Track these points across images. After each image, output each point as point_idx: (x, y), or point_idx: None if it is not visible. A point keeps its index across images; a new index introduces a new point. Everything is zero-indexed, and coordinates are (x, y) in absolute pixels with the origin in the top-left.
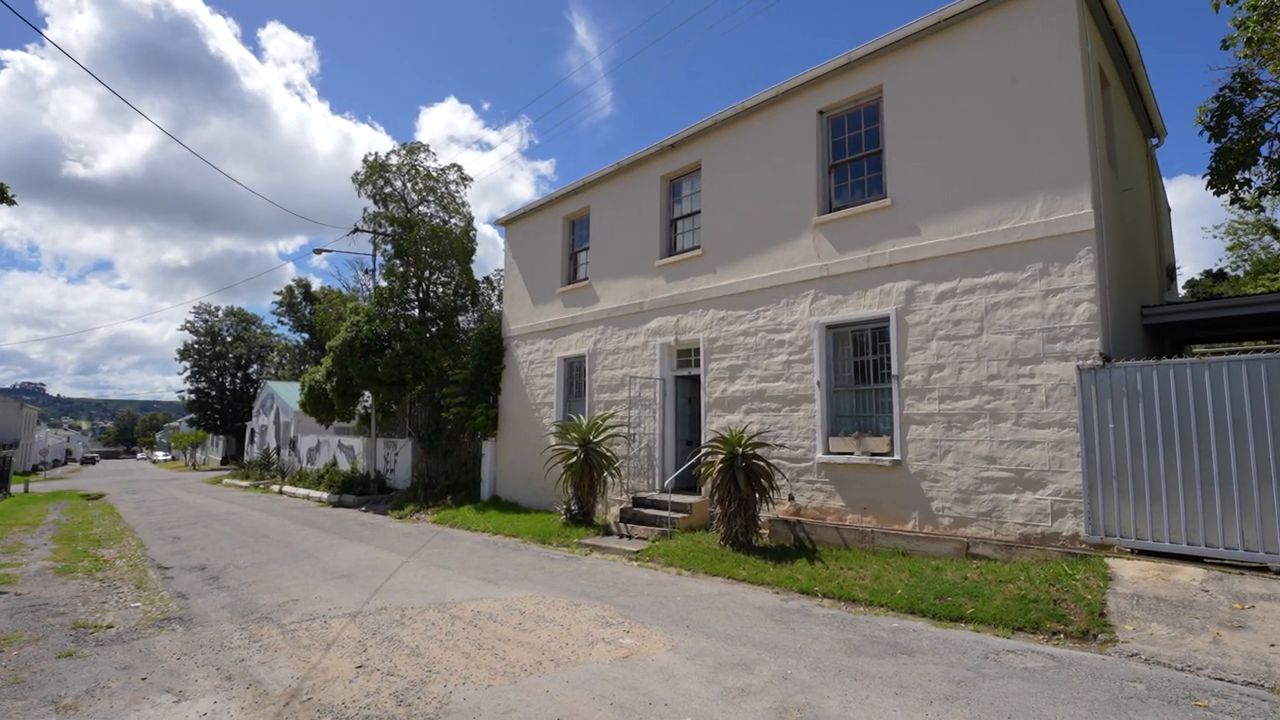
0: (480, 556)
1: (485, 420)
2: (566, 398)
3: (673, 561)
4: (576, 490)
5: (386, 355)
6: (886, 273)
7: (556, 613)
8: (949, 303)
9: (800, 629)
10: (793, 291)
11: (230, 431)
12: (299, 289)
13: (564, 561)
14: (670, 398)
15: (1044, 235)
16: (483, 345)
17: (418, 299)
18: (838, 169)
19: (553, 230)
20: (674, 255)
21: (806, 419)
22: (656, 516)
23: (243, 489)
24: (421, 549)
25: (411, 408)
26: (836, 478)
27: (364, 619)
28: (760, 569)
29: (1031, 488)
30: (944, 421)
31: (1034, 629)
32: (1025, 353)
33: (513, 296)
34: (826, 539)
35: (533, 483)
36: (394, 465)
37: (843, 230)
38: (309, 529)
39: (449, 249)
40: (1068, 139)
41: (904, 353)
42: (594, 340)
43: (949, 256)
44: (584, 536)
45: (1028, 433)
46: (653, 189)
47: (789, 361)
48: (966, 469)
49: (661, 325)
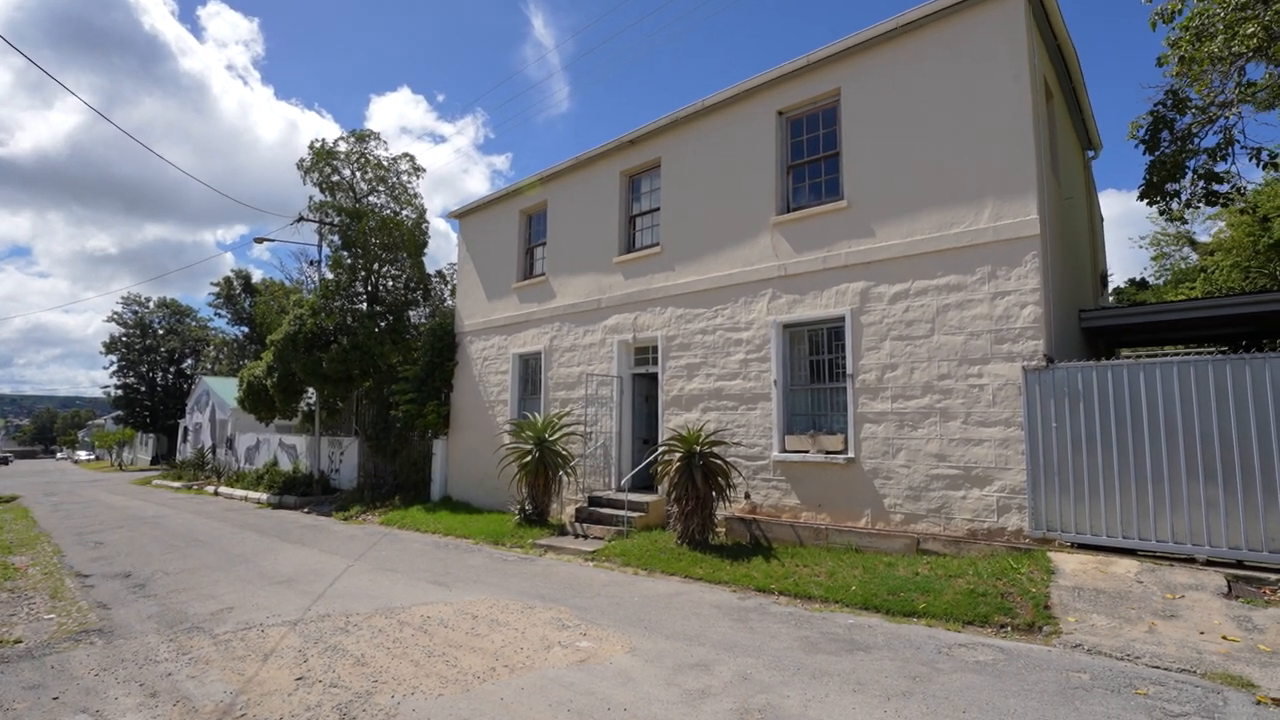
0: (430, 559)
1: (436, 418)
2: (521, 395)
3: (629, 561)
4: (531, 490)
5: (332, 350)
6: (842, 273)
7: (510, 616)
8: (902, 304)
9: (759, 627)
10: (751, 290)
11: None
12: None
13: (518, 563)
14: (628, 396)
15: (993, 239)
16: (434, 341)
17: (366, 292)
18: (796, 170)
19: (509, 224)
20: (633, 252)
21: (763, 417)
22: (613, 516)
23: (175, 490)
24: (368, 552)
25: (358, 405)
26: (792, 476)
27: (305, 627)
28: (717, 567)
29: (979, 485)
30: (896, 420)
31: (983, 622)
32: (974, 353)
33: (466, 291)
34: (782, 536)
35: (486, 482)
36: (339, 465)
37: (800, 231)
38: (246, 532)
39: (400, 241)
40: (1015, 147)
41: (859, 352)
42: (550, 337)
43: (903, 258)
44: (539, 537)
45: (976, 431)
46: (612, 185)
47: (746, 360)
48: (918, 466)
49: (619, 322)
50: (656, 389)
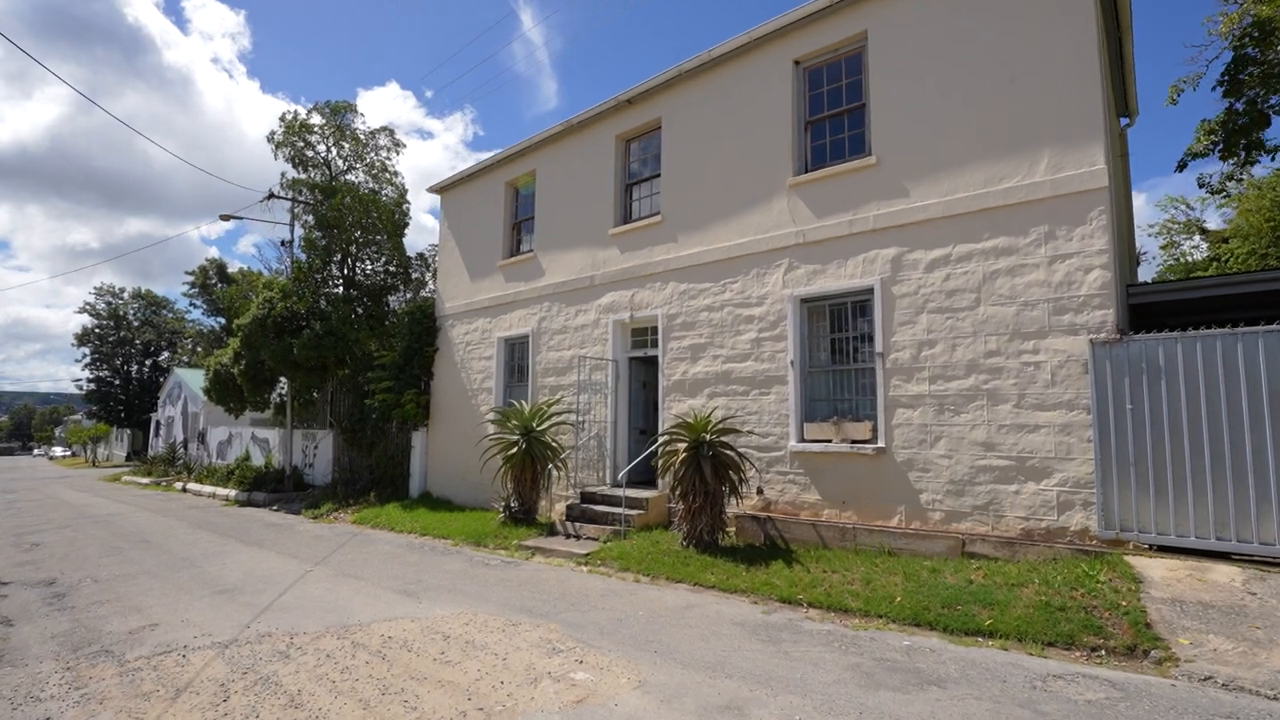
0: (402, 563)
1: (415, 408)
2: (507, 382)
3: (629, 565)
4: (517, 485)
5: (304, 336)
6: (870, 239)
7: (490, 636)
8: (941, 271)
9: (795, 651)
10: (764, 261)
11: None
12: (213, 269)
13: (501, 568)
14: (624, 381)
15: (1050, 195)
16: (413, 325)
17: (342, 276)
18: (815, 125)
19: (494, 197)
20: (630, 223)
21: (778, 403)
22: (608, 514)
23: (142, 487)
24: (333, 554)
25: (333, 396)
26: (812, 468)
27: (238, 651)
28: (731, 573)
29: (1035, 477)
30: (935, 404)
31: (1068, 643)
32: (1028, 326)
33: (448, 271)
34: (801, 537)
35: (468, 477)
36: (313, 459)
37: (821, 192)
38: (202, 532)
39: (378, 221)
40: (1079, 86)
41: (890, 328)
42: (539, 318)
43: (942, 220)
44: (525, 537)
45: (1031, 415)
46: (606, 150)
47: (759, 339)
48: (961, 457)
49: (615, 301)
50: (655, 374)
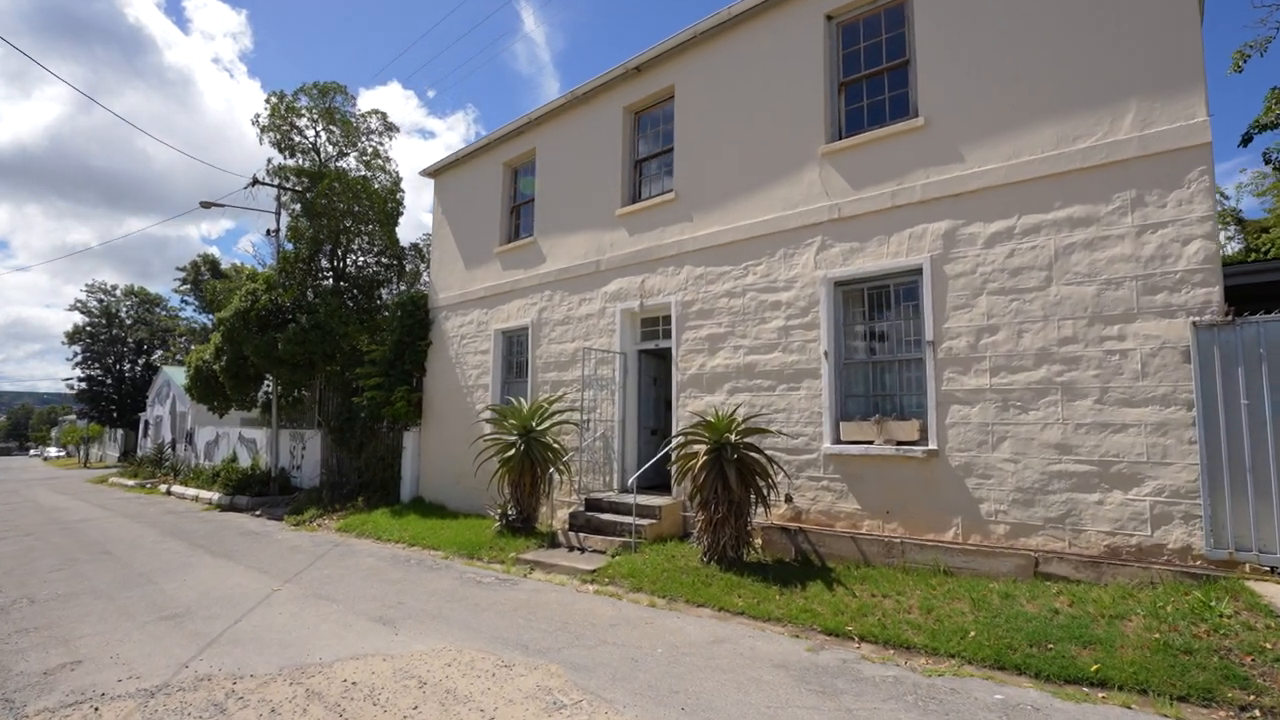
0: (384, 580)
1: (406, 406)
2: (505, 378)
3: (641, 585)
4: (515, 490)
5: (290, 330)
6: (918, 211)
7: (476, 683)
8: (1004, 246)
9: (861, 710)
10: (792, 240)
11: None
12: (205, 265)
13: (495, 586)
14: (633, 376)
15: (1138, 154)
16: (405, 318)
17: (331, 267)
18: (851, 87)
19: (491, 179)
20: (639, 202)
21: (809, 399)
22: (616, 524)
23: (127, 489)
24: (307, 569)
25: (321, 394)
26: (849, 473)
27: (164, 701)
28: (762, 596)
29: (1122, 485)
30: (998, 400)
31: (1205, 698)
32: (1112, 307)
33: (442, 260)
34: (838, 552)
35: (463, 481)
36: (300, 461)
37: (859, 160)
38: (172, 541)
39: (369, 209)
40: (1174, 22)
41: (942, 312)
42: (539, 308)
43: (1003, 187)
44: (523, 549)
45: (1116, 413)
46: (613, 124)
47: (787, 327)
48: (1029, 461)
49: (623, 288)
50: (667, 368)
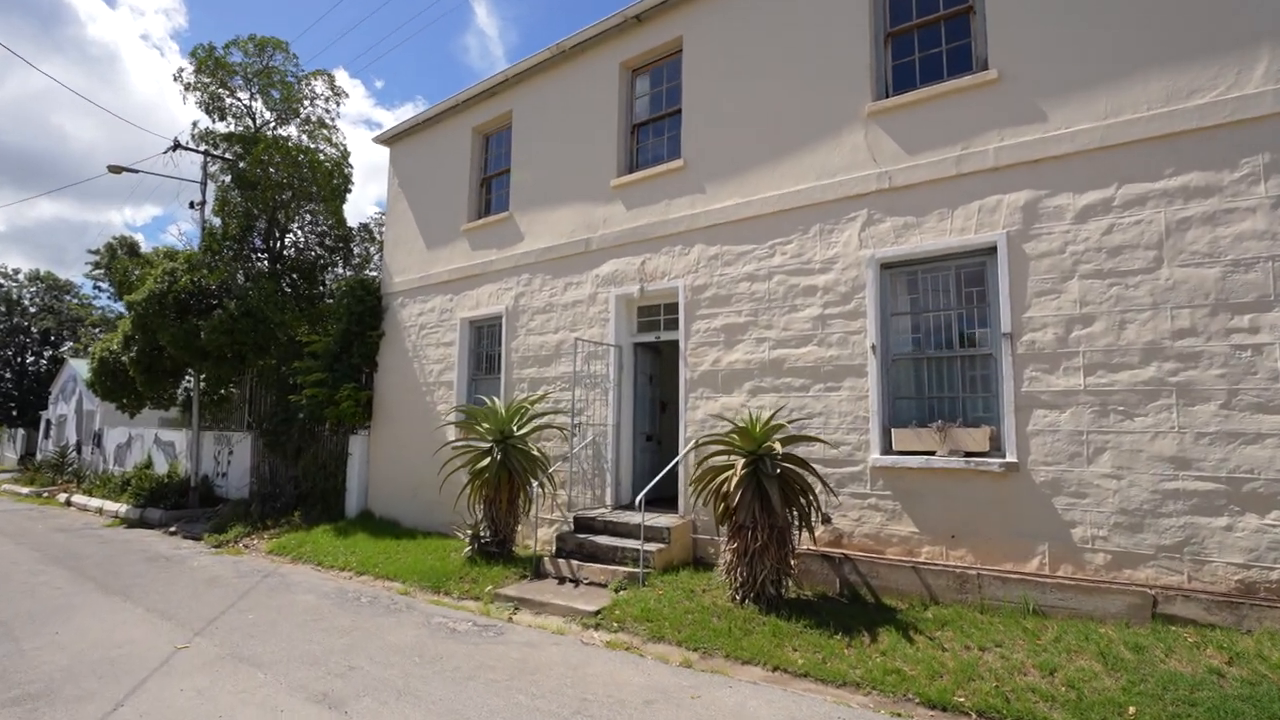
0: (328, 629)
1: (354, 406)
2: (472, 375)
3: (663, 633)
4: (490, 508)
5: (215, 317)
6: (990, 179)
7: None
8: (1100, 221)
9: None
10: (831, 213)
11: (31, 424)
12: (122, 247)
13: (476, 638)
14: (628, 373)
15: (1274, 110)
16: (354, 305)
17: (267, 247)
18: (900, 38)
19: (458, 147)
20: (639, 171)
21: (852, 401)
22: (616, 549)
23: (19, 499)
24: (227, 613)
25: (253, 391)
26: (903, 490)
27: None
28: (824, 649)
29: (1258, 507)
30: (1094, 403)
31: None
32: (1241, 294)
33: (398, 240)
34: (895, 584)
35: (421, 494)
36: (226, 468)
37: (915, 121)
38: (54, 571)
39: (312, 183)
40: None
41: (1022, 299)
42: (515, 294)
43: (1098, 151)
44: (502, 581)
45: (1248, 419)
46: (607, 82)
47: (824, 316)
48: (1136, 477)
49: (618, 270)
50: (664, 364)
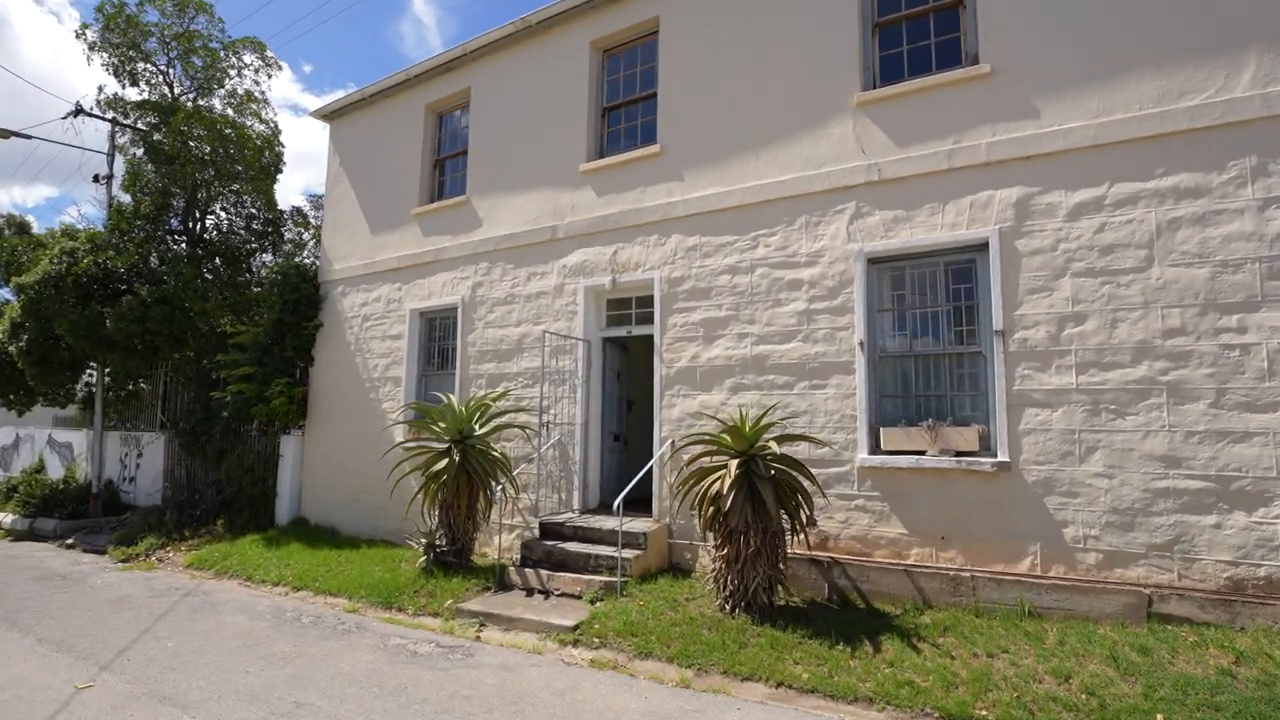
0: (265, 656)
1: (287, 403)
2: (422, 370)
3: (650, 648)
4: (447, 514)
5: (124, 304)
6: (982, 175)
7: None
8: (1092, 219)
9: None
10: (818, 205)
11: None
12: (10, 226)
13: (442, 661)
14: (597, 369)
15: (1260, 115)
16: (288, 292)
17: (186, 229)
18: (888, 29)
19: (409, 125)
20: (611, 156)
21: (839, 400)
22: (589, 556)
23: None
24: (141, 641)
25: (167, 387)
26: (892, 490)
27: None
28: (828, 660)
29: (1245, 505)
30: (1086, 402)
31: None
32: (1229, 294)
33: (339, 223)
34: (886, 588)
35: (364, 498)
36: (135, 472)
37: (905, 112)
38: None
39: (239, 160)
40: None
41: (1014, 297)
42: (473, 284)
43: (1090, 149)
44: (463, 594)
45: (1236, 418)
46: (576, 62)
47: (809, 311)
48: (1128, 476)
49: (587, 260)
50: (632, 360)
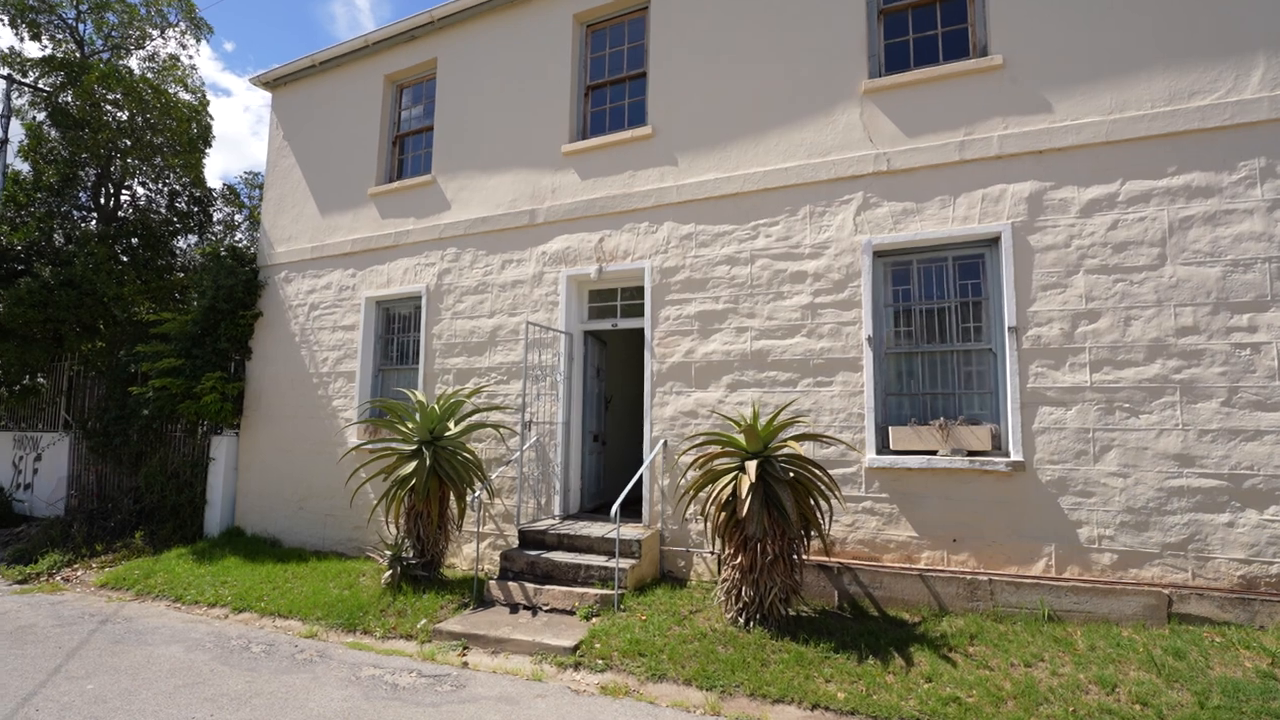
0: (211, 700)
1: (220, 400)
2: (379, 364)
3: (663, 669)
4: (415, 523)
5: (21, 286)
6: (994, 168)
7: None
8: (1105, 216)
9: None
10: (823, 195)
11: None
12: None
13: (428, 696)
14: (578, 365)
15: (1269, 116)
16: (222, 277)
17: (97, 204)
18: (894, 15)
19: (365, 97)
20: (596, 137)
21: (845, 398)
22: (580, 567)
23: None
24: (48, 684)
25: (73, 381)
26: (901, 492)
27: None
28: (864, 678)
29: (1257, 503)
30: (1100, 400)
31: None
32: (1240, 294)
33: (283, 202)
34: (900, 594)
35: (311, 505)
36: (31, 478)
37: (914, 101)
38: None
39: (160, 130)
40: None
41: (1027, 293)
42: (439, 270)
43: (1103, 146)
44: (439, 613)
45: (1248, 417)
46: (557, 36)
47: (814, 305)
48: (1142, 475)
49: (570, 247)
50: (613, 355)
